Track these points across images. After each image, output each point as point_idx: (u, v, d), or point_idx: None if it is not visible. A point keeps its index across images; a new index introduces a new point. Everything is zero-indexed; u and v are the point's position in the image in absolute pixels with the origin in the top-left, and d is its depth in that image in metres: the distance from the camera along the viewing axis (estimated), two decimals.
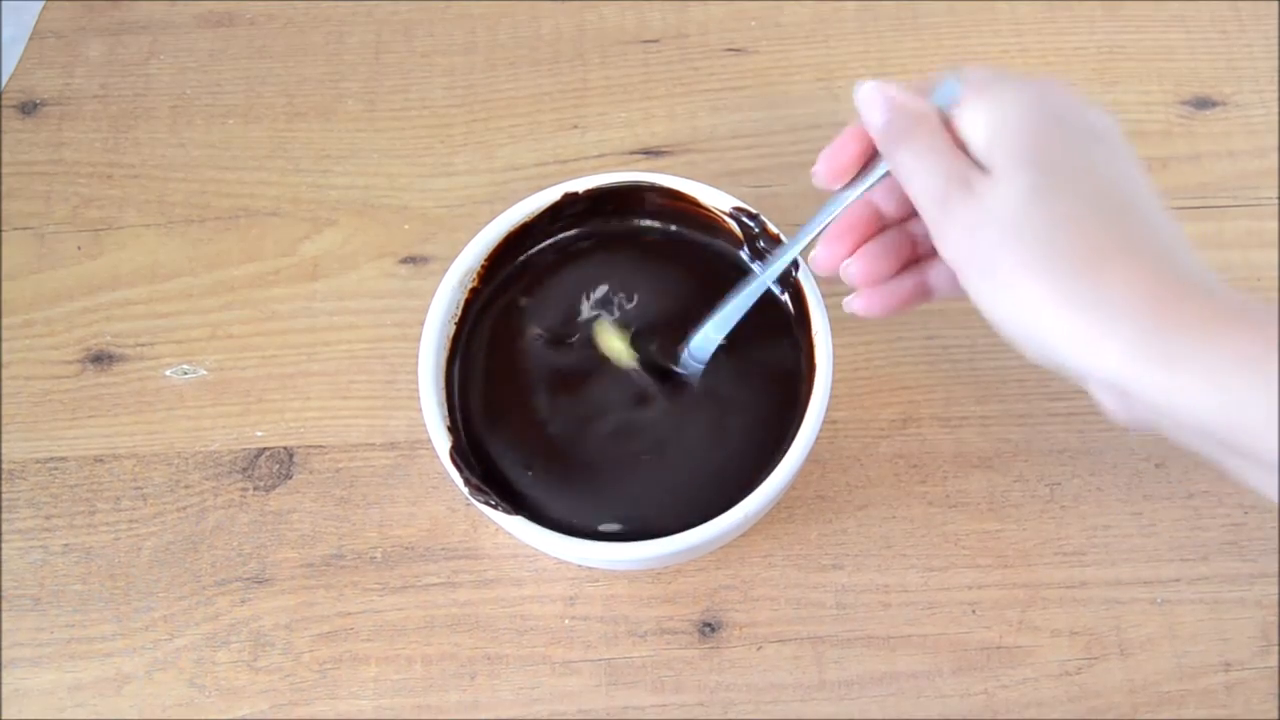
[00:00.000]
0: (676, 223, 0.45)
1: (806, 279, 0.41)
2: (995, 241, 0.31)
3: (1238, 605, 0.43)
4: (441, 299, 0.42)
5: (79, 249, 0.51)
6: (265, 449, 0.47)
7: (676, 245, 0.45)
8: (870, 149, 0.36)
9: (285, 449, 0.47)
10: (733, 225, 0.43)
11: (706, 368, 0.42)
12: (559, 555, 0.39)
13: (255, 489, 0.46)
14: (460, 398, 0.42)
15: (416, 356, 0.41)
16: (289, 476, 0.46)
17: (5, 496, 0.46)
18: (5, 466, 0.47)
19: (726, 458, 0.41)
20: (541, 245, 0.45)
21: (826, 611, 0.43)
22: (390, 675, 0.43)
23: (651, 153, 0.53)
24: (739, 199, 0.43)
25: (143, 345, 0.49)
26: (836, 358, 0.41)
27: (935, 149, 0.33)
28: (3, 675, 0.43)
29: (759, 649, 0.43)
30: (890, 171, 0.35)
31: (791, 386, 0.42)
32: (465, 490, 0.39)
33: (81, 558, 0.45)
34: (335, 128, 0.54)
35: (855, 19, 0.56)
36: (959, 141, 0.33)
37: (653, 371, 0.42)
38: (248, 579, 0.45)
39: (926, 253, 0.38)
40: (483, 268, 0.43)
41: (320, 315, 0.50)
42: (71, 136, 0.54)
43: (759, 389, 0.42)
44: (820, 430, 0.39)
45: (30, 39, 0.57)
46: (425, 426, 0.40)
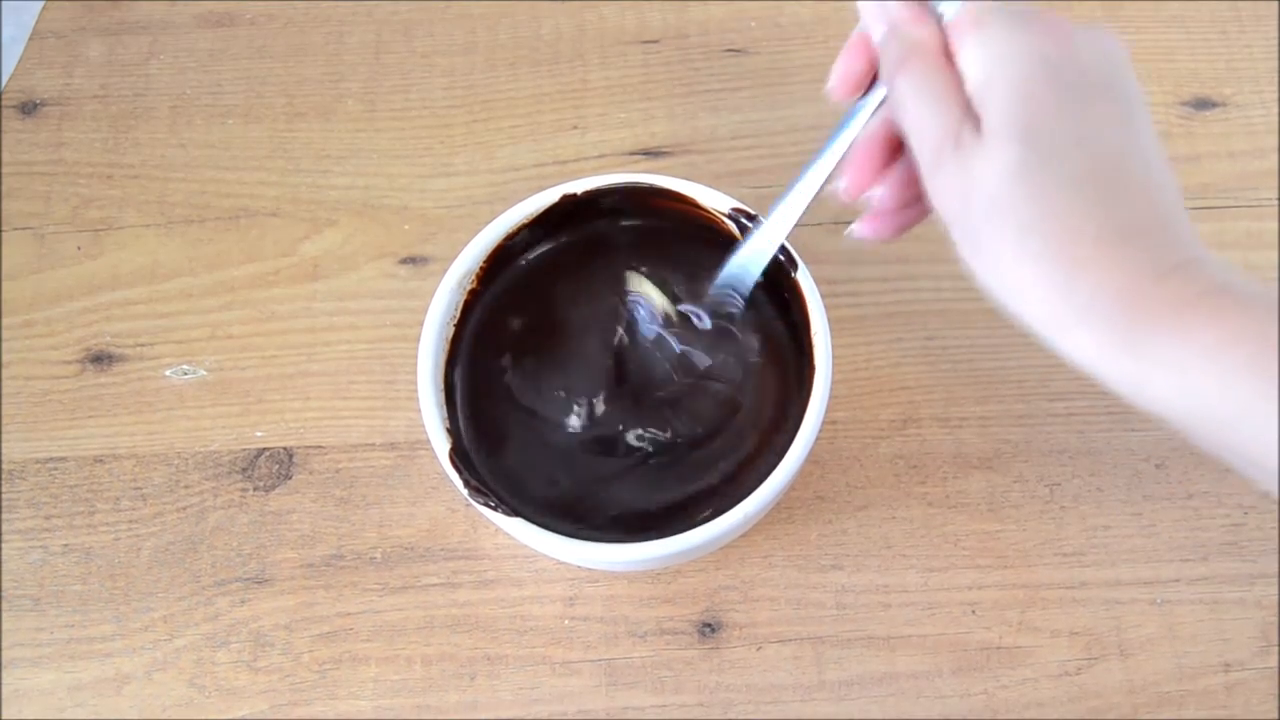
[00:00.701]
0: (675, 223, 0.45)
1: (806, 279, 0.41)
2: (980, 211, 0.30)
3: (1238, 605, 0.43)
4: (441, 300, 0.42)
5: (79, 249, 0.51)
6: (265, 449, 0.47)
7: (675, 245, 0.45)
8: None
9: (285, 449, 0.47)
10: (731, 226, 0.43)
11: (706, 367, 0.42)
12: (558, 556, 0.39)
13: (255, 489, 0.46)
14: (459, 399, 0.42)
15: (416, 357, 0.41)
16: (289, 477, 0.46)
17: (5, 496, 0.46)
18: (5, 466, 0.47)
19: (726, 458, 0.41)
20: (541, 246, 0.45)
21: (826, 612, 0.43)
22: (390, 675, 0.43)
23: (651, 153, 0.53)
24: (739, 199, 0.43)
25: (143, 345, 0.49)
26: (836, 358, 0.41)
27: (931, 87, 0.32)
28: (3, 675, 0.43)
29: (759, 649, 0.43)
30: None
31: (791, 387, 0.42)
32: (465, 492, 0.39)
33: (81, 558, 0.45)
34: (335, 128, 0.54)
35: (855, 19, 0.56)
36: (954, 75, 0.32)
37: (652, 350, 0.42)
38: (248, 579, 0.45)
39: None
40: (482, 269, 0.43)
41: (320, 315, 0.50)
42: (71, 136, 0.54)
43: (758, 389, 0.42)
44: (820, 430, 0.39)
45: (30, 39, 0.57)
46: (424, 428, 0.40)
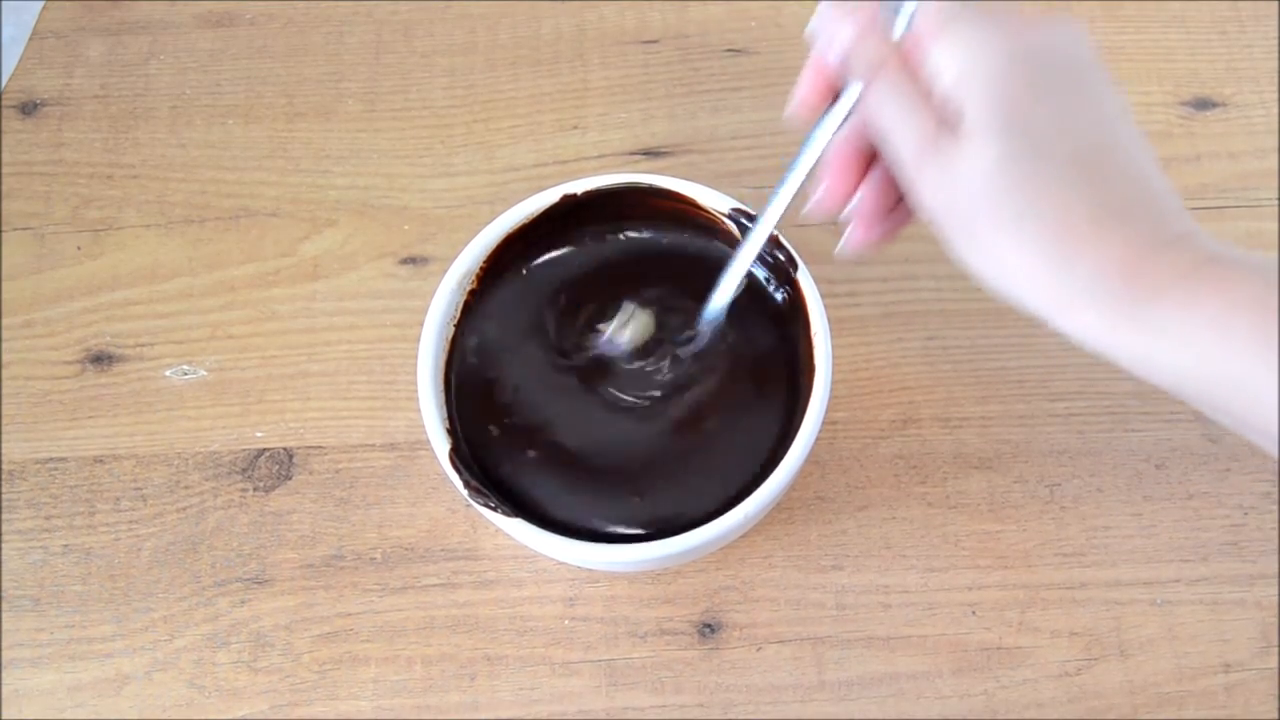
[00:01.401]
0: (675, 224, 0.45)
1: (805, 280, 0.41)
2: (968, 206, 0.30)
3: (1238, 606, 0.43)
4: (440, 300, 0.42)
5: (79, 249, 0.51)
6: (265, 449, 0.47)
7: (675, 246, 0.45)
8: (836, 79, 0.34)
9: (285, 450, 0.47)
10: (731, 226, 0.43)
11: (706, 370, 0.42)
12: (559, 557, 0.39)
13: (255, 489, 0.46)
14: (459, 399, 0.42)
15: (416, 357, 0.41)
16: (289, 477, 0.46)
17: (5, 496, 0.46)
18: (5, 467, 0.47)
19: (726, 459, 0.41)
20: (540, 246, 0.45)
21: (826, 612, 0.43)
22: (390, 676, 0.43)
23: (651, 153, 0.53)
24: (738, 200, 0.43)
25: (143, 345, 0.49)
26: (836, 358, 0.41)
27: (902, 97, 0.32)
28: (3, 675, 0.43)
29: (759, 650, 0.43)
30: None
31: (791, 387, 0.42)
32: (465, 492, 0.39)
33: (81, 558, 0.45)
34: (335, 128, 0.54)
35: None
36: (923, 79, 0.32)
37: (660, 363, 0.42)
38: (248, 579, 0.45)
39: None
40: (482, 269, 0.43)
41: (320, 315, 0.50)
42: (71, 136, 0.54)
43: (758, 390, 0.42)
44: (820, 431, 0.39)
45: (30, 39, 0.57)
46: (424, 428, 0.40)
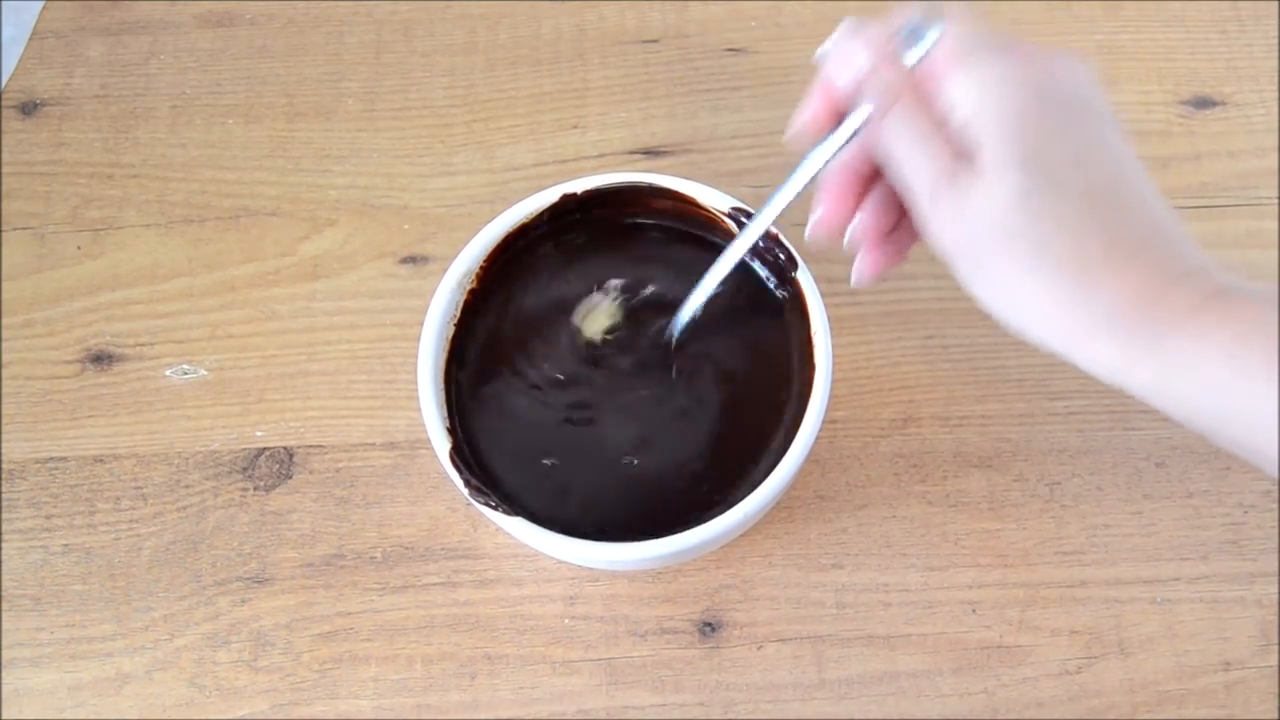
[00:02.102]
0: (675, 223, 0.45)
1: (806, 279, 0.41)
2: (983, 240, 0.31)
3: (1238, 605, 0.43)
4: (440, 300, 0.42)
5: (79, 249, 0.51)
6: (265, 449, 0.47)
7: (675, 245, 0.45)
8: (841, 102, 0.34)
9: (285, 449, 0.47)
10: (731, 225, 0.43)
11: (705, 369, 0.42)
12: (559, 556, 0.39)
13: (255, 489, 0.46)
14: (459, 399, 0.42)
15: (416, 357, 0.41)
16: (289, 476, 0.46)
17: (5, 496, 0.46)
18: (5, 466, 0.47)
19: (726, 457, 0.41)
20: (540, 246, 0.45)
21: (826, 611, 0.43)
22: (390, 675, 0.43)
23: (651, 153, 0.53)
24: (738, 199, 0.43)
25: (143, 345, 0.49)
26: (836, 358, 0.41)
27: (917, 129, 0.32)
28: (3, 675, 0.43)
29: (759, 648, 0.43)
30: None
31: (791, 386, 0.42)
32: (465, 491, 0.39)
33: (81, 558, 0.45)
34: (335, 128, 0.54)
35: (856, 18, 0.56)
36: (937, 110, 0.32)
37: (640, 353, 0.42)
38: (248, 579, 0.45)
39: None
40: (482, 268, 0.43)
41: (320, 315, 0.50)
42: (71, 136, 0.54)
43: (759, 389, 0.42)
44: (820, 430, 0.39)
45: (30, 39, 0.57)
46: (424, 428, 0.40)
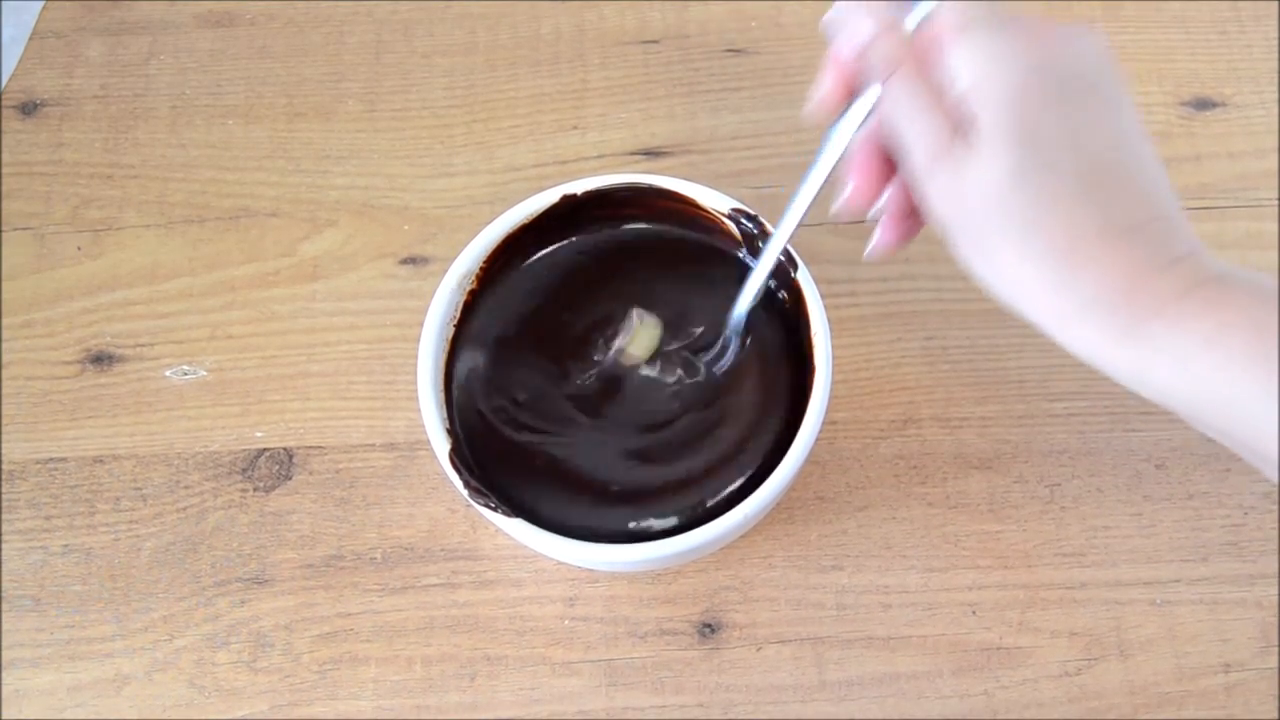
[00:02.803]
0: (675, 224, 0.45)
1: (805, 280, 0.41)
2: (977, 214, 0.31)
3: (1238, 606, 0.43)
4: (440, 300, 0.42)
5: (79, 249, 0.51)
6: (265, 449, 0.47)
7: (675, 246, 0.45)
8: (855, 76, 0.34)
9: (285, 450, 0.47)
10: (731, 226, 0.43)
11: (706, 371, 0.42)
12: (559, 557, 0.39)
13: (255, 489, 0.46)
14: (459, 399, 0.42)
15: (416, 357, 0.41)
16: (289, 477, 0.46)
17: (5, 497, 0.46)
18: (5, 467, 0.47)
19: (726, 459, 0.41)
20: (540, 247, 0.45)
21: (826, 612, 0.43)
22: (390, 676, 0.43)
23: (651, 153, 0.53)
24: (739, 200, 0.43)
25: (143, 345, 0.49)
26: (836, 358, 0.41)
27: (917, 98, 0.32)
28: (3, 675, 0.43)
29: (759, 650, 0.43)
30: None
31: (791, 387, 0.42)
32: (465, 493, 0.39)
33: (81, 558, 0.45)
34: (335, 128, 0.54)
35: None
36: (938, 80, 0.32)
37: (670, 368, 0.42)
38: (248, 579, 0.45)
39: None
40: (481, 269, 0.43)
41: (320, 315, 0.50)
42: (71, 136, 0.54)
43: (759, 390, 0.42)
44: (820, 431, 0.39)
45: (30, 39, 0.57)
46: (424, 428, 0.40)
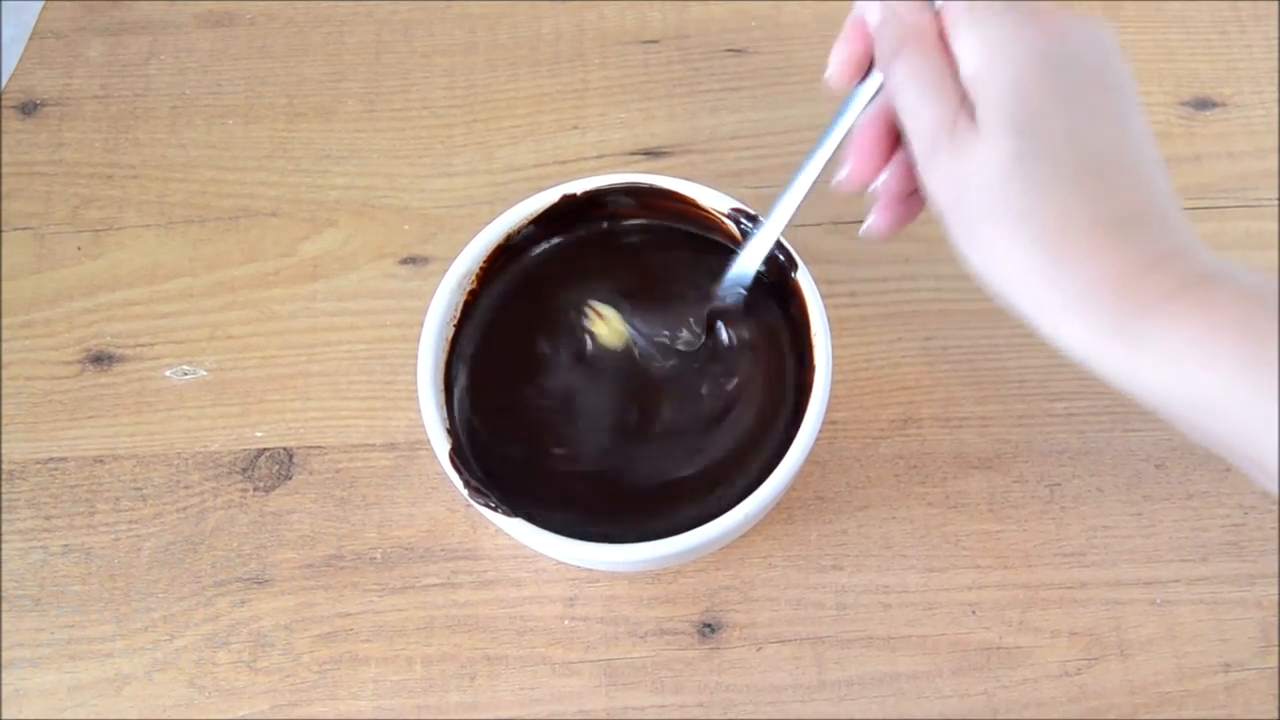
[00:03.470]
0: (675, 224, 0.45)
1: (806, 279, 0.41)
2: (975, 202, 0.31)
3: (1238, 606, 0.43)
4: (440, 300, 0.42)
5: (79, 249, 0.51)
6: (265, 449, 0.47)
7: (675, 246, 0.45)
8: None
9: (285, 449, 0.47)
10: (731, 226, 0.43)
11: (705, 368, 0.42)
12: (559, 557, 0.39)
13: (255, 489, 0.46)
14: (459, 399, 0.42)
15: (416, 357, 0.41)
16: (289, 477, 0.46)
17: (5, 497, 0.46)
18: (5, 467, 0.47)
19: (726, 459, 0.41)
20: (540, 247, 0.45)
21: (826, 612, 0.43)
22: (390, 676, 0.43)
23: (651, 153, 0.53)
24: (738, 200, 0.43)
25: (143, 345, 0.49)
26: (836, 358, 0.41)
27: (927, 75, 0.32)
28: (3, 675, 0.43)
29: (759, 650, 0.43)
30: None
31: (791, 387, 0.42)
32: (465, 493, 0.39)
33: (81, 558, 0.45)
34: (335, 128, 0.54)
35: None
36: (952, 59, 0.32)
37: (651, 355, 0.42)
38: (248, 579, 0.45)
39: None
40: (481, 269, 0.43)
41: (320, 315, 0.50)
42: (71, 136, 0.54)
43: (758, 390, 0.42)
44: (820, 431, 0.39)
45: (30, 39, 0.57)
46: (424, 428, 0.40)
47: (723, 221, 0.43)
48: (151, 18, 0.57)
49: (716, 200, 0.43)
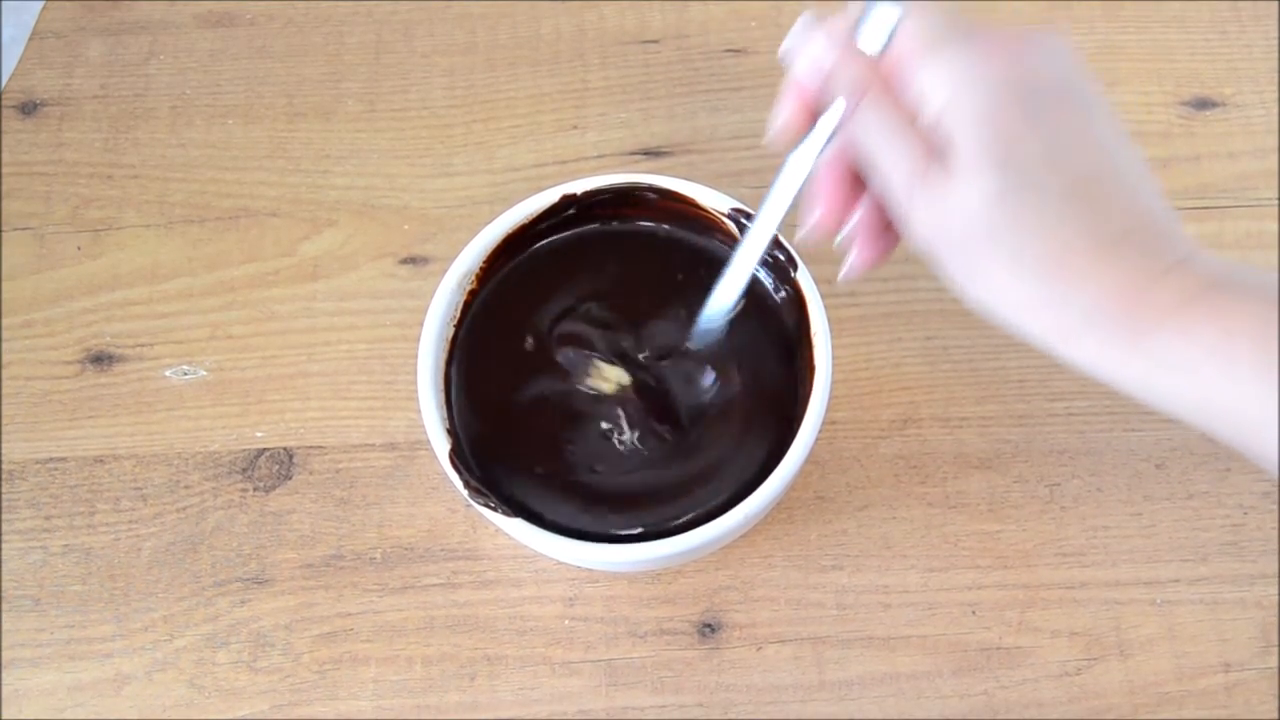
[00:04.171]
0: (675, 224, 0.45)
1: (806, 279, 0.41)
2: (962, 238, 0.30)
3: (1237, 606, 0.43)
4: (440, 300, 0.42)
5: (79, 249, 0.51)
6: (265, 449, 0.47)
7: (675, 246, 0.45)
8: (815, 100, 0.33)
9: (285, 449, 0.47)
10: (731, 226, 0.43)
11: (705, 368, 0.42)
12: (558, 557, 0.39)
13: (255, 489, 0.46)
14: (459, 399, 0.42)
15: (416, 357, 0.41)
16: (289, 477, 0.46)
17: (5, 496, 0.46)
18: (5, 467, 0.47)
19: (726, 459, 0.41)
20: (540, 247, 0.45)
21: (826, 612, 0.43)
22: (390, 676, 0.43)
23: (651, 153, 0.53)
24: (738, 200, 0.43)
25: (142, 345, 0.49)
26: (836, 358, 0.41)
27: (887, 124, 0.31)
28: (3, 675, 0.43)
29: (759, 650, 0.43)
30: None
31: (791, 387, 0.42)
32: (465, 493, 0.39)
33: (81, 558, 0.45)
34: (335, 128, 0.54)
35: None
36: (908, 101, 0.31)
37: (648, 389, 0.42)
38: (247, 579, 0.45)
39: None
40: (481, 269, 0.43)
41: (320, 315, 0.50)
42: (71, 136, 0.54)
43: (759, 390, 0.42)
44: (820, 431, 0.39)
45: (30, 39, 0.57)
46: (424, 428, 0.40)
47: (723, 221, 0.43)
48: (151, 18, 0.57)
49: (716, 200, 0.43)
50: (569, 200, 0.44)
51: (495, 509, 0.38)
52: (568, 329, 0.43)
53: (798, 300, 0.42)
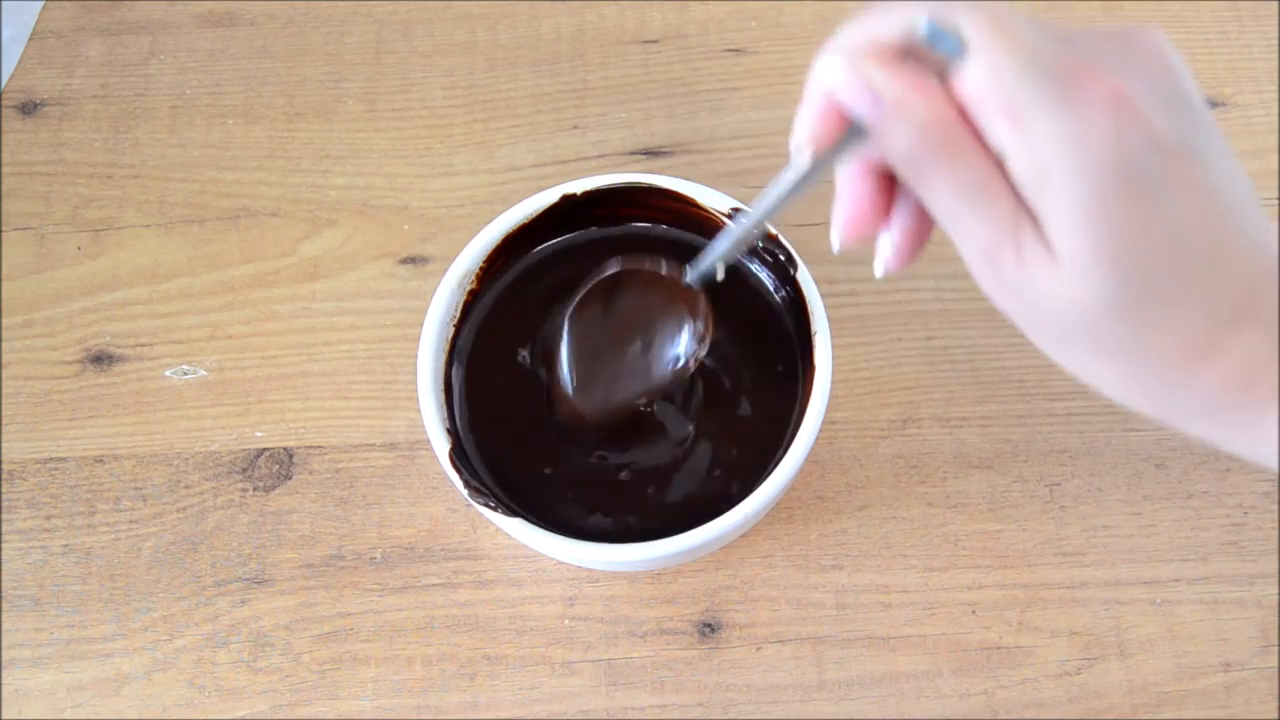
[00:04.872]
0: (675, 224, 0.45)
1: (805, 280, 0.41)
2: (1062, 324, 0.28)
3: (1237, 605, 0.43)
4: (440, 300, 0.42)
5: (79, 249, 0.51)
6: (265, 449, 0.47)
7: (674, 246, 0.45)
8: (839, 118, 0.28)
9: (285, 449, 0.47)
10: (731, 227, 0.43)
11: (706, 370, 0.42)
12: (558, 557, 0.39)
13: (255, 489, 0.46)
14: (459, 399, 0.42)
15: (416, 357, 0.41)
16: (289, 477, 0.46)
17: (5, 496, 0.46)
18: (5, 467, 0.47)
19: (725, 458, 0.41)
20: (540, 246, 0.45)
21: (826, 612, 0.43)
22: (390, 676, 0.43)
23: (651, 153, 0.53)
24: (738, 200, 0.43)
25: (143, 345, 0.49)
26: (836, 358, 0.41)
27: (970, 181, 0.26)
28: (3, 675, 0.43)
29: (759, 649, 0.43)
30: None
31: (791, 387, 0.42)
32: (465, 492, 0.39)
33: (81, 558, 0.45)
34: (335, 128, 0.54)
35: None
36: (984, 148, 0.26)
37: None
38: (247, 579, 0.45)
39: None
40: (482, 269, 0.43)
41: (320, 315, 0.50)
42: (71, 136, 0.54)
43: (759, 390, 0.42)
44: (820, 431, 0.39)
45: (30, 39, 0.57)
46: (424, 428, 0.40)
47: (723, 222, 0.43)
48: (151, 18, 0.57)
49: (716, 200, 0.43)
50: (569, 200, 0.44)
51: (495, 509, 0.38)
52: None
53: (798, 300, 0.42)
